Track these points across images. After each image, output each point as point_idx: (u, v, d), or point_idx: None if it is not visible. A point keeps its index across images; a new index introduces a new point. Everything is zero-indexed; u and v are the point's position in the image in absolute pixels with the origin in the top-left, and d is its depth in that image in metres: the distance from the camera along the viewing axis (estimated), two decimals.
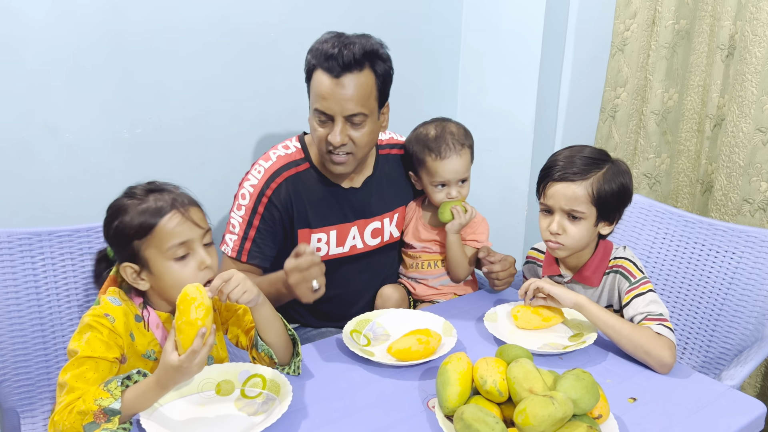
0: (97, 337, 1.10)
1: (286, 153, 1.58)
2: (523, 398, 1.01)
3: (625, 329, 1.29)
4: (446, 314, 1.44)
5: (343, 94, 1.42)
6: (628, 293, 1.38)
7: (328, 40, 1.45)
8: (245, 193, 1.54)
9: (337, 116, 1.44)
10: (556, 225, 1.40)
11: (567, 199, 1.38)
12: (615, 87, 2.16)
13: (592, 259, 1.45)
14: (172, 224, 1.13)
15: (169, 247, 1.13)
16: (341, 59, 1.40)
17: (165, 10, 1.71)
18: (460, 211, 1.58)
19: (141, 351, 1.17)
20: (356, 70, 1.42)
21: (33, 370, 1.43)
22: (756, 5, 1.75)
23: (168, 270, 1.14)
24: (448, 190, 1.61)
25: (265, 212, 1.54)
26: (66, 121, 1.64)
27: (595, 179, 1.37)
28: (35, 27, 1.54)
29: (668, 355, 1.25)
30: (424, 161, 1.60)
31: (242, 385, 1.16)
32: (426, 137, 1.61)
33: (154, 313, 1.20)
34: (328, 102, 1.43)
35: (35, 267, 1.45)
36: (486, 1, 2.28)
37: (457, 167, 1.58)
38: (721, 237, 1.66)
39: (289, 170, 1.56)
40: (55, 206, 1.67)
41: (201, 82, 1.82)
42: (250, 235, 1.54)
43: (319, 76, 1.44)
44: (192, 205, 1.18)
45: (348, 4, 2.05)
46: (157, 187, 1.19)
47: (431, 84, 2.37)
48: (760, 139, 1.81)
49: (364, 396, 1.18)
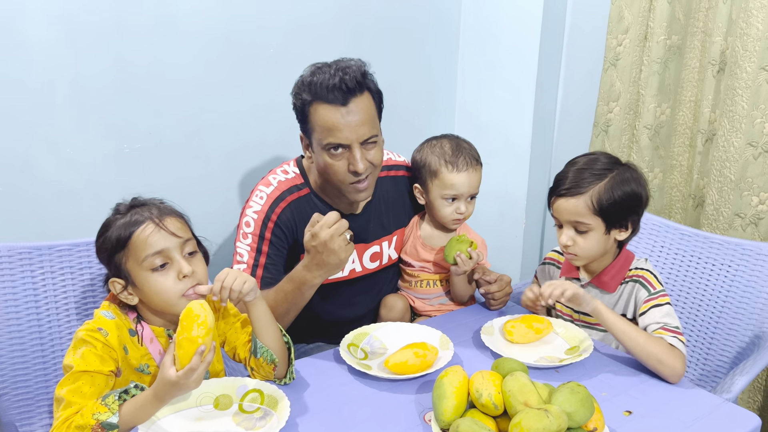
0: (91, 351, 1.11)
1: (286, 178, 1.56)
2: (518, 411, 1.02)
3: (641, 337, 1.30)
4: (443, 327, 1.45)
5: (355, 120, 1.40)
6: (647, 302, 1.39)
7: (317, 72, 1.42)
8: (249, 221, 1.51)
9: (354, 144, 1.41)
10: (566, 237, 1.43)
11: (569, 213, 1.41)
12: (608, 102, 2.18)
13: (612, 266, 1.46)
14: (145, 234, 1.14)
15: (144, 257, 1.14)
16: (345, 86, 1.38)
17: (165, 27, 1.73)
18: (464, 259, 1.54)
19: (134, 365, 1.18)
20: (359, 93, 1.41)
21: (32, 384, 1.43)
22: (746, 21, 1.78)
23: (147, 280, 1.15)
24: (457, 205, 1.61)
25: (272, 237, 1.51)
26: (67, 136, 1.65)
27: (595, 191, 1.38)
28: (37, 44, 1.56)
29: (680, 365, 1.27)
30: (438, 172, 1.60)
31: (240, 399, 1.16)
32: (442, 149, 1.61)
33: (147, 327, 1.21)
34: (343, 132, 1.40)
35: (35, 281, 1.46)
36: (483, 18, 2.31)
37: (472, 181, 1.60)
38: (717, 250, 1.67)
39: (292, 195, 1.54)
40: (56, 220, 1.68)
41: (201, 97, 1.84)
42: (260, 262, 1.50)
43: (323, 109, 1.40)
44: (170, 215, 1.19)
45: (346, 22, 2.07)
46: (140, 203, 1.21)
47: (429, 99, 2.39)
48: (751, 153, 1.83)
49: (361, 410, 1.18)
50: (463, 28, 2.38)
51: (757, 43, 1.77)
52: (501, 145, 2.33)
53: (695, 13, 1.99)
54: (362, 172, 1.43)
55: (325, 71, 1.41)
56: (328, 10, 2.02)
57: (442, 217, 1.64)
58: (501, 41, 2.26)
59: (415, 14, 2.24)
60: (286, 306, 1.43)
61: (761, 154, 1.82)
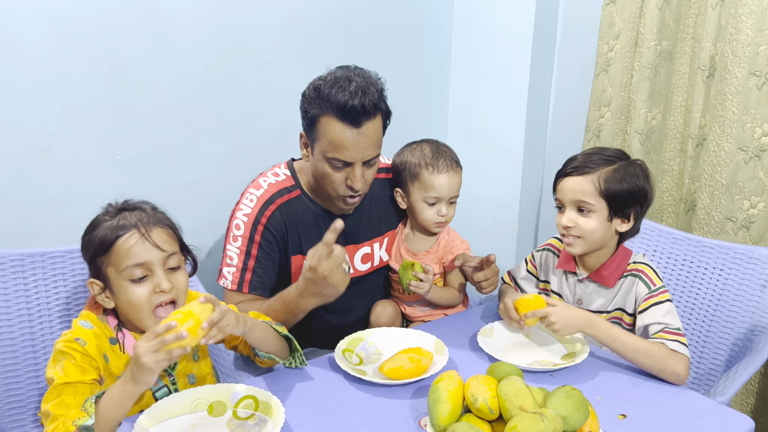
0: (70, 363, 1.10)
1: (276, 180, 1.57)
2: (513, 416, 1.02)
3: (637, 353, 1.30)
4: (438, 332, 1.45)
5: (364, 142, 1.40)
6: (647, 300, 1.39)
7: (337, 86, 1.38)
8: (239, 224, 1.51)
9: (357, 162, 1.42)
10: (566, 218, 1.42)
11: (574, 192, 1.40)
12: (599, 107, 2.20)
13: (611, 260, 1.46)
14: (129, 244, 1.12)
15: (125, 267, 1.12)
16: (362, 110, 1.37)
17: (158, 33, 1.73)
18: (416, 285, 1.54)
19: (116, 373, 1.16)
20: (373, 117, 1.41)
21: (24, 393, 1.42)
22: (735, 27, 1.80)
23: (124, 289, 1.13)
24: (438, 208, 1.62)
25: (262, 240, 1.51)
26: (59, 142, 1.65)
27: (603, 172, 1.38)
28: (29, 50, 1.56)
29: (682, 368, 1.28)
30: (418, 175, 1.61)
31: (234, 406, 1.16)
32: (422, 152, 1.62)
33: (129, 335, 1.20)
34: (350, 152, 1.40)
35: (27, 288, 1.45)
36: (475, 24, 2.32)
37: (453, 183, 1.61)
38: (709, 254, 1.69)
39: (282, 197, 1.54)
40: (48, 227, 1.67)
41: (193, 103, 1.84)
42: (249, 265, 1.51)
43: (334, 125, 1.39)
44: (158, 225, 1.16)
45: (339, 28, 2.08)
46: (130, 206, 1.18)
47: (422, 105, 2.40)
48: (742, 158, 1.85)
49: (356, 415, 1.18)
50: (456, 35, 2.39)
51: (746, 48, 1.79)
52: (494, 150, 2.34)
53: (685, 19, 2.01)
54: (359, 190, 1.45)
55: (345, 88, 1.38)
56: (320, 17, 2.02)
57: (423, 220, 1.64)
58: (493, 48, 2.27)
59: (408, 21, 2.25)
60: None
61: (752, 158, 1.84)
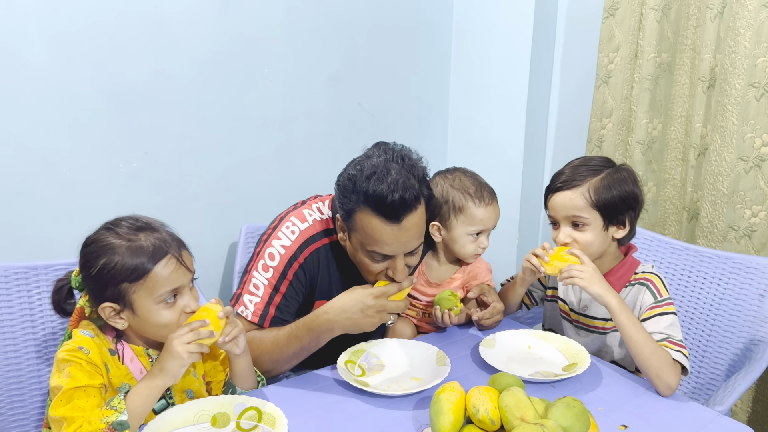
0: (77, 369, 1.09)
1: (321, 218, 1.47)
2: (514, 427, 1.02)
3: (647, 349, 1.29)
4: (440, 343, 1.46)
5: (406, 236, 1.30)
6: (651, 309, 1.38)
7: (375, 178, 1.26)
8: (274, 253, 1.41)
9: (399, 255, 1.32)
10: (563, 235, 1.42)
11: (566, 208, 1.40)
12: (601, 118, 2.22)
13: (617, 268, 1.45)
14: (167, 271, 1.12)
15: (161, 293, 1.13)
16: (402, 205, 1.25)
17: (161, 47, 1.75)
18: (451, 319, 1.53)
19: (116, 384, 1.16)
20: (414, 209, 1.29)
21: (28, 404, 1.43)
22: (734, 39, 1.82)
23: (153, 312, 1.14)
24: (481, 240, 1.60)
25: (294, 278, 1.42)
26: (63, 156, 1.66)
27: (592, 183, 1.39)
28: (34, 66, 1.58)
29: (676, 381, 1.28)
30: (464, 208, 1.56)
31: (238, 417, 1.16)
32: (462, 183, 1.58)
33: (128, 346, 1.20)
34: (391, 246, 1.30)
35: (31, 300, 1.46)
36: (475, 36, 2.34)
37: (497, 214, 1.60)
38: (708, 263, 1.69)
39: (324, 239, 1.45)
40: (52, 240, 1.68)
41: (196, 116, 1.86)
42: (275, 300, 1.41)
43: (373, 220, 1.28)
44: (183, 247, 1.18)
45: (339, 42, 2.10)
46: (145, 225, 1.17)
47: (423, 118, 2.41)
48: (743, 167, 1.86)
49: (359, 427, 1.18)
50: (455, 47, 2.41)
51: (745, 60, 1.80)
52: (494, 161, 2.35)
53: (683, 32, 2.02)
54: (400, 281, 1.34)
55: (383, 179, 1.26)
56: (321, 30, 2.04)
57: (464, 253, 1.61)
58: (492, 60, 2.29)
59: (408, 33, 2.27)
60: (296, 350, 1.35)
61: (752, 168, 1.85)
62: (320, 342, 1.34)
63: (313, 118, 2.10)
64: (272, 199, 2.02)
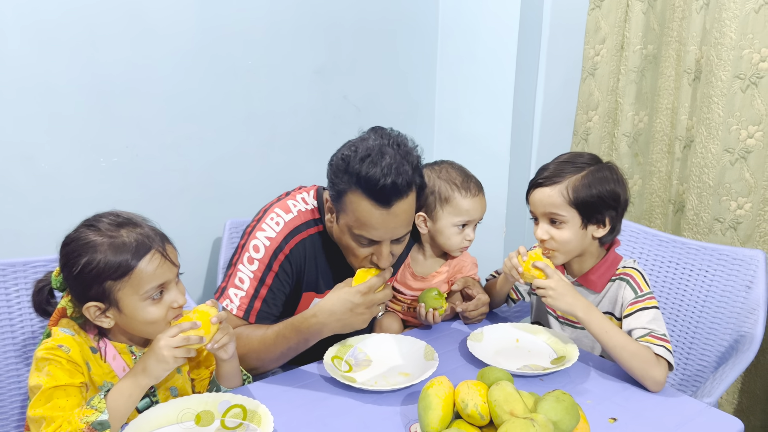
0: (56, 368, 1.07)
1: (306, 208, 1.45)
2: (504, 421, 1.01)
3: (626, 351, 1.28)
4: (428, 338, 1.44)
5: (394, 222, 1.29)
6: (633, 305, 1.37)
7: (368, 161, 1.25)
8: (259, 245, 1.39)
9: (385, 241, 1.32)
10: (541, 231, 1.42)
11: (544, 204, 1.40)
12: (587, 110, 2.21)
13: (599, 265, 1.45)
14: (152, 266, 1.10)
15: (147, 289, 1.10)
16: (394, 190, 1.25)
17: (141, 38, 1.72)
18: (435, 317, 1.52)
19: (98, 382, 1.14)
20: (405, 195, 1.28)
21: (8, 405, 1.40)
22: (720, 31, 1.82)
23: (140, 309, 1.11)
24: (467, 231, 1.59)
25: (279, 270, 1.40)
26: (42, 150, 1.63)
27: (571, 181, 1.38)
28: (11, 58, 1.54)
29: (663, 376, 1.27)
30: (450, 198, 1.56)
31: (222, 415, 1.14)
32: (449, 174, 1.57)
33: (110, 344, 1.17)
34: (378, 231, 1.29)
35: (9, 298, 1.43)
36: (460, 29, 2.33)
37: (484, 206, 1.59)
38: (695, 256, 1.70)
39: (309, 229, 1.44)
40: (31, 236, 1.65)
41: (178, 109, 1.83)
42: (261, 293, 1.39)
43: (363, 203, 1.27)
44: (167, 241, 1.16)
45: (324, 35, 2.07)
46: (126, 220, 1.14)
47: (409, 111, 2.40)
48: (728, 159, 1.86)
49: (346, 422, 1.17)
50: (441, 41, 2.40)
51: (730, 52, 1.80)
52: (480, 155, 2.34)
53: (669, 23, 2.02)
54: (384, 267, 1.34)
55: (376, 163, 1.25)
56: (305, 22, 2.02)
57: (450, 245, 1.60)
58: (478, 53, 2.28)
59: (393, 26, 2.26)
60: (284, 350, 1.34)
61: (738, 160, 1.85)
62: (308, 343, 1.33)
63: (298, 111, 2.08)
64: (257, 194, 2.00)
